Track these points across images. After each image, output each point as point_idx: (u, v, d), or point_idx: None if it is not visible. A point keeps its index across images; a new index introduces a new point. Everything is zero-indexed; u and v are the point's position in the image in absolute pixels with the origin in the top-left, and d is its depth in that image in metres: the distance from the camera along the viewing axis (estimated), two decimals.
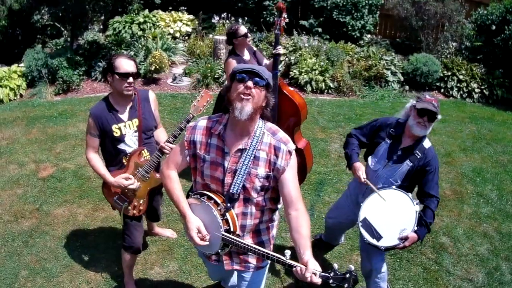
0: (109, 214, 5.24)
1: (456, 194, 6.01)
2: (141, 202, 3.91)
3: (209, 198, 2.79)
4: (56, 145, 6.96)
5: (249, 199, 2.79)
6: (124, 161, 3.84)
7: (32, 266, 4.58)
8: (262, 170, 2.71)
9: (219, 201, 2.76)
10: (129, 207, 3.91)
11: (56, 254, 4.74)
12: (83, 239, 4.98)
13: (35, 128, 7.55)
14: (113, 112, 3.73)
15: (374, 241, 3.55)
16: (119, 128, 3.74)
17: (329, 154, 6.84)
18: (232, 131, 2.71)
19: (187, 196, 2.98)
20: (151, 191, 3.96)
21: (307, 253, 2.51)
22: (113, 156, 3.84)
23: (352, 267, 2.43)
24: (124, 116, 3.77)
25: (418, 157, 3.58)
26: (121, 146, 3.80)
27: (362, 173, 3.75)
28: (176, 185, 2.92)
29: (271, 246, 3.11)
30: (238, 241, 2.73)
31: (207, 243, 2.81)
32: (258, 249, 2.67)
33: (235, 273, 3.60)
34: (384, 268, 3.98)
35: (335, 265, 2.46)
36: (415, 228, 3.46)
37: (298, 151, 5.14)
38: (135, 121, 3.80)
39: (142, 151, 3.86)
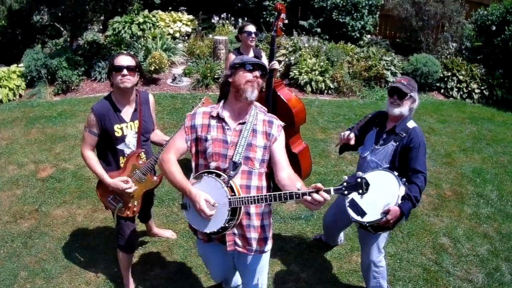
0: (108, 215, 5.22)
1: (456, 195, 6.00)
2: (135, 203, 3.91)
3: (209, 173, 2.94)
4: (55, 145, 6.95)
5: (251, 171, 2.99)
6: (121, 162, 3.83)
7: (31, 267, 4.57)
8: (261, 141, 3.01)
9: (220, 173, 2.92)
10: (123, 208, 3.90)
11: (55, 255, 4.74)
12: (83, 240, 4.98)
13: (34, 128, 7.54)
14: (116, 111, 3.73)
15: (358, 218, 3.62)
16: (121, 129, 3.74)
17: (329, 155, 6.83)
18: (230, 111, 3.06)
19: None
20: (145, 193, 3.96)
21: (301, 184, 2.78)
22: (111, 156, 3.83)
23: (360, 173, 2.63)
24: (127, 116, 3.77)
25: (402, 136, 3.69)
26: (121, 147, 3.80)
27: (347, 134, 3.98)
28: (175, 167, 3.03)
29: (271, 232, 3.24)
30: (248, 197, 2.82)
31: (215, 211, 2.87)
32: (269, 195, 2.77)
33: (238, 273, 3.61)
34: (383, 263, 4.01)
35: (345, 177, 2.62)
36: (399, 202, 3.49)
37: (293, 155, 5.12)
38: (136, 123, 3.80)
39: (140, 154, 3.86)
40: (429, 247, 5.03)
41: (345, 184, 2.61)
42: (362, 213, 3.60)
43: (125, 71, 3.59)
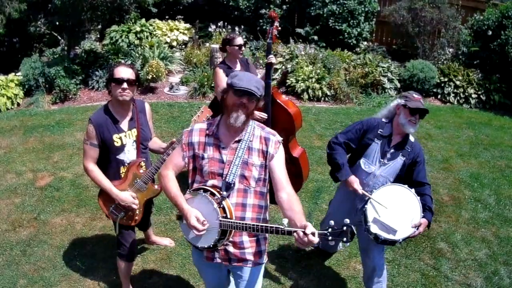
0: (107, 223, 5.23)
1: (454, 200, 6.02)
2: (137, 212, 3.90)
3: (205, 191, 2.94)
4: (53, 154, 6.96)
5: (247, 189, 2.99)
6: (122, 171, 3.83)
7: (30, 275, 4.58)
8: (256, 159, 2.97)
9: (215, 192, 2.93)
10: (125, 217, 3.90)
11: (54, 263, 4.74)
12: (81, 248, 4.98)
13: (32, 137, 7.55)
14: (114, 121, 3.71)
15: (391, 236, 3.65)
16: (120, 138, 3.72)
17: (326, 162, 6.82)
18: (226, 130, 2.98)
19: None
20: (146, 201, 3.96)
21: (303, 221, 2.75)
22: (111, 166, 3.81)
23: (348, 220, 2.58)
24: (124, 126, 3.76)
25: (409, 151, 3.81)
26: (121, 156, 3.78)
27: (358, 186, 3.89)
28: (173, 183, 3.07)
29: (267, 245, 3.29)
30: (236, 222, 2.84)
31: (206, 227, 2.89)
32: (256, 225, 2.81)
33: (232, 282, 3.61)
34: (384, 266, 4.08)
35: (331, 222, 2.62)
36: (422, 215, 3.64)
37: (293, 159, 5.16)
38: (134, 131, 3.79)
39: (141, 163, 3.85)
40: (427, 252, 5.04)
41: (330, 230, 2.63)
42: (393, 231, 3.65)
43: (125, 85, 3.55)
